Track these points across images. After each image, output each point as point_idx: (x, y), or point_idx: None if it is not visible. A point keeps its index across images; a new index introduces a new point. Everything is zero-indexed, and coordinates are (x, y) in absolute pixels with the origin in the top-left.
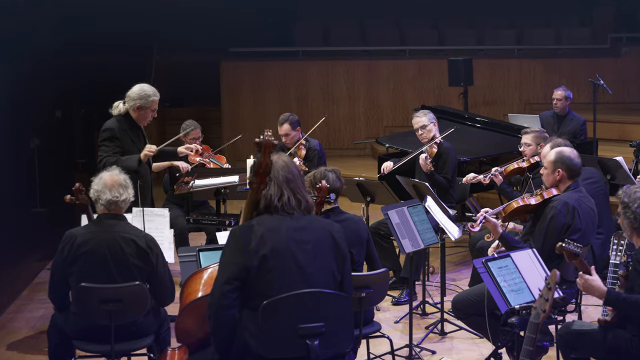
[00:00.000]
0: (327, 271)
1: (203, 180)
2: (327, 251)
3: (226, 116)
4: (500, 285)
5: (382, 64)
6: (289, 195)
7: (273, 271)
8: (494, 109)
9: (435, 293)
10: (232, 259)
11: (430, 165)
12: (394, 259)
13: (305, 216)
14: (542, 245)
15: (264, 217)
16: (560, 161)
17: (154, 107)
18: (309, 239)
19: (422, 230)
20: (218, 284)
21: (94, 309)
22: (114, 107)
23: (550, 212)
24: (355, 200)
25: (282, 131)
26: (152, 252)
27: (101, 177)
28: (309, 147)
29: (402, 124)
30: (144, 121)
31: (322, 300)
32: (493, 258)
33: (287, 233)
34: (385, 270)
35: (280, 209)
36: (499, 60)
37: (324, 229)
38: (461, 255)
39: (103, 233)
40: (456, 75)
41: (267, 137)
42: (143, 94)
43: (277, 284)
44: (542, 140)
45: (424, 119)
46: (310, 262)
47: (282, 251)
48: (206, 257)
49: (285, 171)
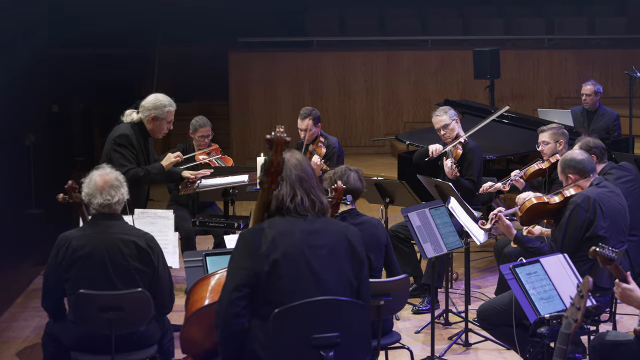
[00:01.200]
0: (343, 278)
1: (210, 180)
2: (343, 256)
3: (234, 111)
4: (528, 292)
5: (402, 55)
6: (302, 196)
7: (285, 277)
8: (522, 103)
9: (459, 301)
10: (241, 264)
11: (456, 171)
12: (414, 264)
13: (319, 218)
14: (561, 244)
15: (276, 219)
16: (567, 167)
17: (170, 119)
18: (323, 243)
19: (445, 234)
20: (226, 291)
21: (92, 317)
22: (125, 115)
23: (570, 208)
24: (373, 201)
25: (303, 125)
26: (153, 252)
27: (91, 177)
28: (328, 144)
29: (423, 119)
30: (159, 133)
31: (337, 309)
32: (521, 264)
33: (300, 236)
34: (405, 276)
35: (293, 211)
36: (528, 51)
37: (339, 232)
38: (487, 260)
39: (99, 235)
40: (482, 67)
41: (279, 133)
42: (158, 104)
43: (289, 291)
44: (561, 136)
45: (445, 117)
46: (324, 267)
47: (295, 256)
48: (213, 262)
49: (298, 170)
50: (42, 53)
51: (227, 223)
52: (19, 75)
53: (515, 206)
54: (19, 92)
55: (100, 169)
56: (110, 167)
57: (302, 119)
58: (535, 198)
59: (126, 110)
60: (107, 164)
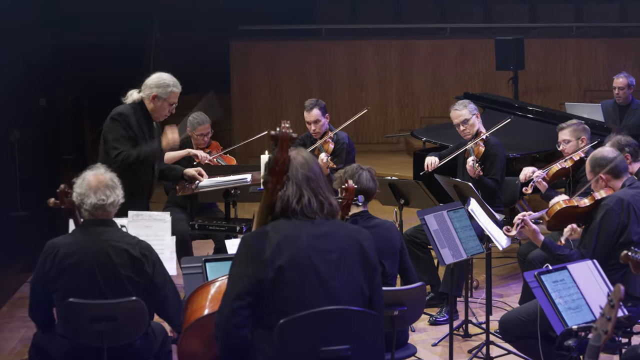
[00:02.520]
0: (353, 285)
1: (210, 180)
2: (354, 262)
3: (237, 105)
4: (555, 302)
5: (419, 45)
6: (310, 197)
7: (290, 285)
8: (548, 96)
9: (479, 311)
10: (243, 270)
11: (479, 170)
12: (431, 271)
13: (328, 221)
14: (592, 251)
15: (281, 222)
16: (597, 165)
17: (172, 101)
18: (332, 248)
19: (464, 238)
20: (227, 299)
21: (83, 328)
22: (127, 96)
23: (602, 212)
24: (387, 203)
25: (311, 117)
26: (147, 261)
27: (84, 177)
28: (337, 139)
29: (441, 114)
30: (159, 115)
31: (347, 319)
32: (547, 270)
33: (307, 241)
34: (421, 284)
35: (300, 213)
36: (555, 40)
37: (350, 236)
38: (510, 267)
39: (90, 242)
40: (505, 58)
41: (284, 129)
42: (161, 83)
43: (296, 299)
44: (583, 132)
45: (465, 111)
46: (334, 274)
47: (301, 262)
48: (213, 268)
49: (305, 169)
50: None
51: (228, 226)
52: (2, 66)
53: (542, 208)
54: (2, 85)
55: (95, 169)
56: (105, 168)
57: (309, 110)
58: (564, 202)
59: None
60: (101, 164)
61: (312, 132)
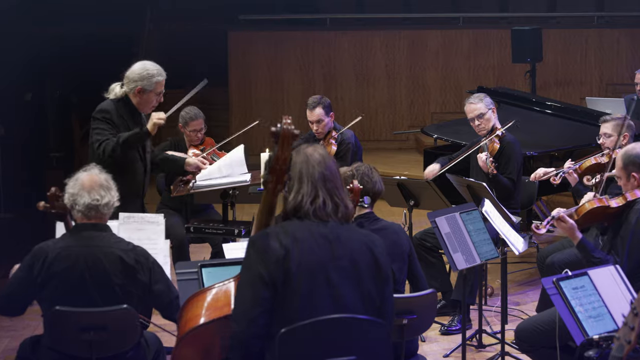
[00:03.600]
0: (364, 295)
1: (207, 180)
2: (365, 270)
3: (235, 100)
4: (574, 310)
5: (429, 35)
6: (325, 198)
7: (298, 292)
8: (568, 91)
9: (494, 320)
10: (257, 274)
11: (492, 167)
12: (443, 277)
13: (341, 225)
14: (626, 259)
15: (292, 224)
16: (630, 163)
17: (159, 90)
18: (344, 255)
19: (478, 242)
20: (243, 307)
21: (71, 338)
22: (109, 91)
23: (635, 217)
24: (395, 204)
25: (313, 117)
26: (142, 268)
27: (77, 178)
28: (342, 139)
29: (453, 109)
30: (146, 107)
31: (353, 328)
32: (566, 276)
33: (319, 245)
34: (432, 291)
35: (313, 214)
36: (575, 31)
37: (362, 242)
38: (527, 273)
39: (81, 247)
40: (522, 49)
41: (285, 125)
42: (145, 74)
43: (302, 307)
44: (627, 129)
45: (480, 105)
46: (344, 282)
47: (312, 268)
48: (210, 274)
49: (322, 167)
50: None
51: (226, 229)
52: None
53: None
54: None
55: (89, 170)
56: (99, 169)
57: (312, 109)
58: (597, 200)
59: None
60: (95, 164)
61: (315, 132)
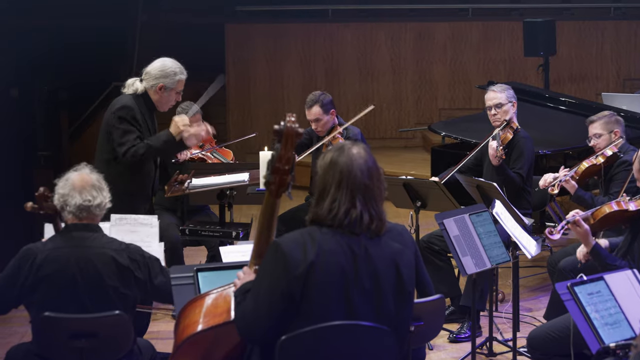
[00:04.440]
0: (384, 316)
1: (203, 179)
2: (389, 290)
3: (233, 95)
4: (590, 316)
5: (437, 28)
6: (362, 210)
7: (315, 311)
8: (583, 86)
9: (505, 327)
10: (276, 284)
11: (502, 153)
12: (451, 282)
13: (372, 240)
14: None
15: (321, 232)
16: None
17: (180, 89)
18: (368, 272)
19: (488, 245)
20: (256, 315)
21: (61, 345)
22: (127, 86)
23: None
24: (401, 205)
25: (310, 116)
26: (138, 267)
27: (68, 178)
28: (347, 136)
29: (462, 105)
30: (166, 105)
31: (358, 337)
32: (581, 281)
33: (345, 259)
34: (440, 296)
35: (346, 226)
36: (591, 23)
37: (390, 259)
38: (540, 278)
39: (71, 249)
40: (534, 43)
41: (289, 123)
42: (168, 72)
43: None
44: (615, 125)
45: (501, 95)
46: (364, 304)
47: (333, 286)
48: (207, 279)
49: (365, 176)
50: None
51: (223, 231)
52: None
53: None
54: None
55: (79, 170)
56: (90, 168)
57: (309, 107)
58: (615, 204)
59: (127, 81)
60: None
61: (315, 131)
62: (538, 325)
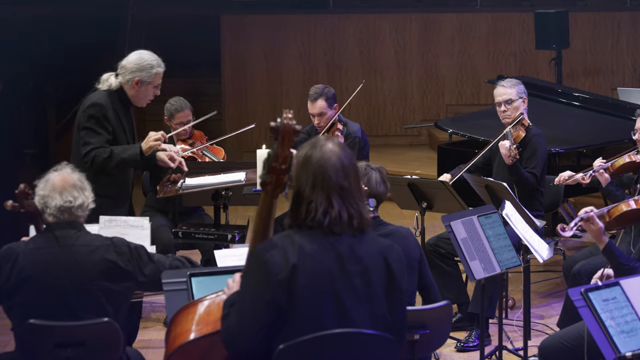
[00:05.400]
0: (378, 316)
1: (196, 179)
2: (380, 287)
3: (229, 90)
4: (605, 324)
5: (444, 19)
6: (340, 209)
7: (303, 314)
8: (597, 80)
9: (516, 335)
10: (259, 295)
11: (515, 152)
12: (459, 288)
13: (355, 237)
14: None
15: (300, 235)
16: None
17: (157, 82)
18: (356, 271)
19: (498, 249)
20: (241, 328)
21: (45, 355)
22: (102, 81)
23: None
24: (405, 206)
25: (315, 109)
26: (128, 259)
27: (48, 178)
28: (347, 133)
29: (470, 101)
30: (143, 100)
31: (358, 345)
32: (595, 287)
33: (330, 259)
34: (446, 303)
35: (326, 227)
36: (606, 14)
37: (379, 255)
38: (552, 283)
39: (55, 248)
40: (546, 35)
41: (286, 120)
42: (144, 65)
43: (307, 330)
44: None
45: (512, 91)
46: (356, 304)
47: (321, 289)
48: (201, 284)
49: (341, 176)
50: None
51: (218, 234)
52: None
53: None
54: None
55: (60, 169)
56: (72, 168)
57: (313, 100)
58: (633, 202)
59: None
60: (72, 162)
61: (317, 125)
62: (550, 333)
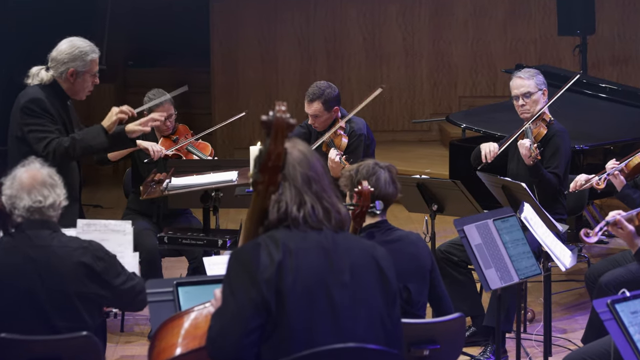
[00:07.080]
0: (374, 316)
1: (184, 179)
2: (372, 286)
3: (219, 82)
4: (633, 339)
5: (457, 2)
6: (313, 203)
7: (293, 315)
8: (626, 70)
9: (535, 351)
10: (245, 295)
11: (537, 152)
12: (472, 298)
13: (337, 234)
14: None
15: (280, 233)
16: None
17: (94, 70)
18: (345, 267)
19: (515, 256)
20: (231, 336)
21: None
22: (32, 76)
23: None
24: (414, 209)
25: (309, 110)
26: (104, 267)
27: (15, 176)
28: (352, 131)
29: (485, 92)
30: (81, 92)
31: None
32: (623, 298)
33: (316, 255)
34: (459, 315)
35: (303, 222)
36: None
37: (365, 252)
38: (576, 293)
39: (27, 250)
40: (570, 20)
41: (279, 113)
42: (77, 53)
43: (298, 333)
44: None
45: (530, 82)
46: (348, 302)
47: (310, 286)
48: (188, 294)
49: (304, 167)
50: None
51: (207, 239)
52: None
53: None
54: None
55: (28, 165)
56: (40, 163)
57: (309, 101)
58: None
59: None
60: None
61: (313, 125)
62: (574, 349)
